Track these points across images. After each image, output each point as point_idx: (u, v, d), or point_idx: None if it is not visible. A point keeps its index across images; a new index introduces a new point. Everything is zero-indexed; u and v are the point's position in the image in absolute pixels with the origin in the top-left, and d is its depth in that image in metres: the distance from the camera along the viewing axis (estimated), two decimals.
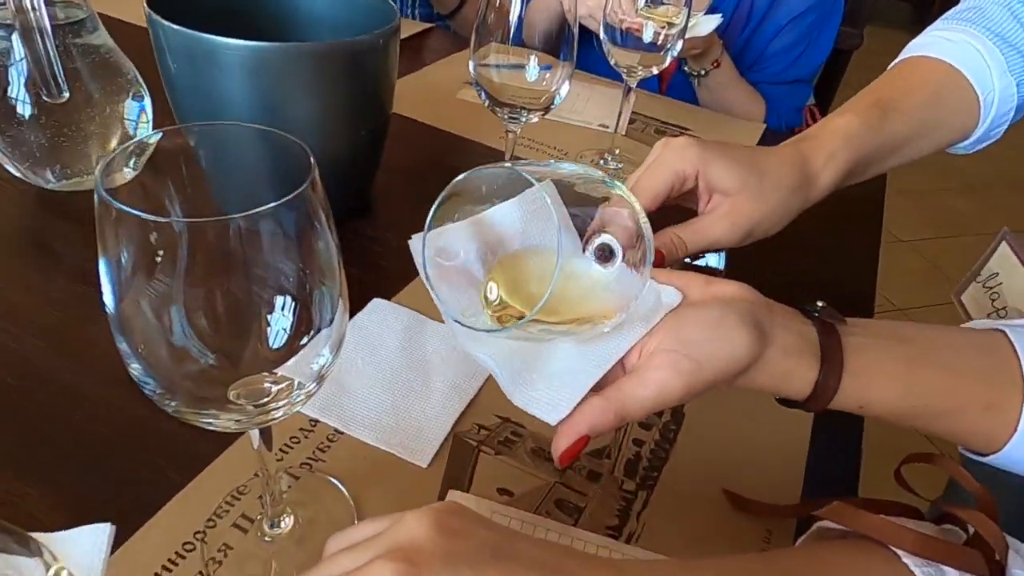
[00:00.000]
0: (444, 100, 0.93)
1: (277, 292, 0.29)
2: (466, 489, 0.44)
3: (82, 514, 0.40)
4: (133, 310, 0.26)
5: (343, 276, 0.32)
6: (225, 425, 0.30)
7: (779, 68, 1.04)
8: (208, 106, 0.57)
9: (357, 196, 0.70)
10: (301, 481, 0.43)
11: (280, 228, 0.27)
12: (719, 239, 0.44)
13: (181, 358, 0.28)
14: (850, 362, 0.35)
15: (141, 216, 0.24)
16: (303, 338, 0.31)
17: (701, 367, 0.33)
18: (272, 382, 0.32)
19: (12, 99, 0.60)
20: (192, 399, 0.29)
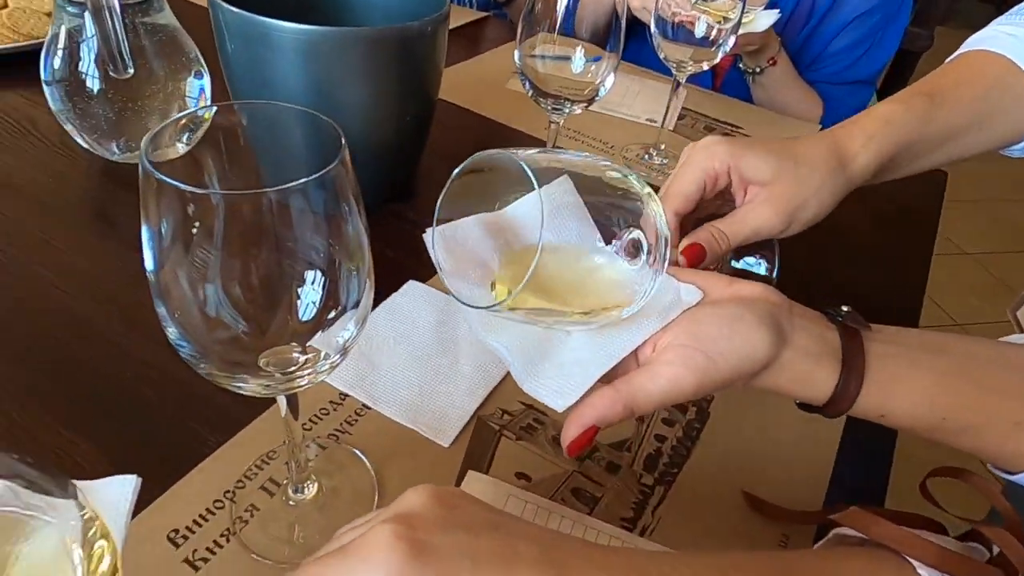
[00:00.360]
0: (493, 89, 0.94)
1: (307, 266, 0.31)
2: (485, 471, 0.45)
3: (125, 466, 0.42)
4: (171, 277, 0.28)
5: (369, 254, 0.33)
6: (253, 390, 0.32)
7: (839, 68, 1.01)
8: (262, 87, 0.59)
9: (401, 180, 0.71)
10: (328, 451, 0.45)
11: (309, 204, 0.28)
12: (761, 226, 0.43)
13: (214, 325, 0.29)
14: (872, 369, 0.34)
15: (179, 187, 0.25)
16: (331, 312, 0.32)
17: (715, 363, 0.33)
18: (300, 352, 0.34)
19: (83, 74, 0.64)
20: (224, 364, 0.30)
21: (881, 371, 0.34)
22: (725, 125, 0.93)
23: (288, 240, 0.29)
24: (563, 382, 0.34)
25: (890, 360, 0.35)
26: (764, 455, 0.49)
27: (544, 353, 0.36)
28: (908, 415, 0.35)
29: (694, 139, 0.90)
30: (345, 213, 0.30)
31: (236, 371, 0.31)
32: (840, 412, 0.35)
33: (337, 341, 0.34)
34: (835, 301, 0.37)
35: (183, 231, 0.27)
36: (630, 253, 0.36)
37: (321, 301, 0.32)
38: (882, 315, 0.65)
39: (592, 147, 0.84)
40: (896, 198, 0.82)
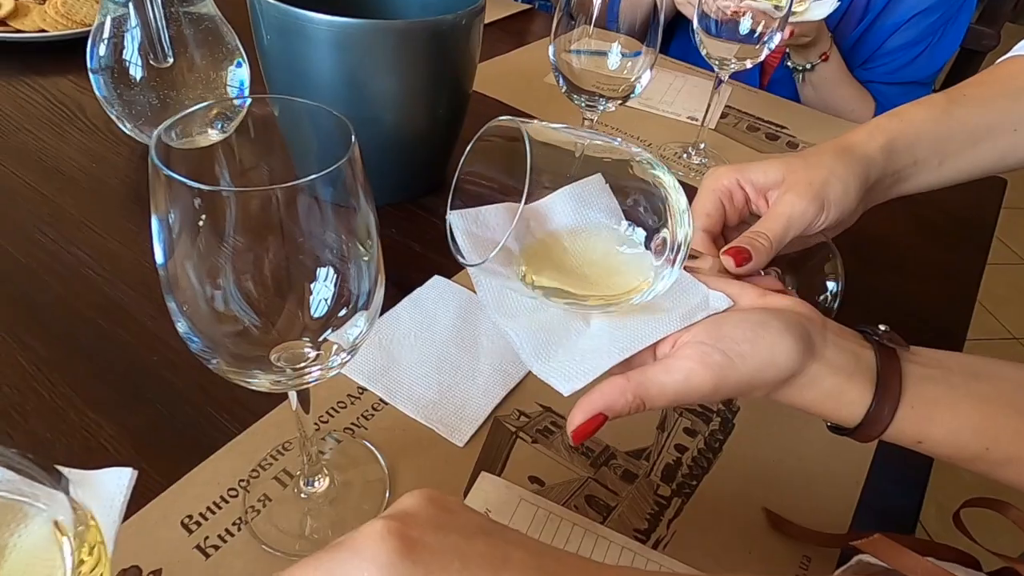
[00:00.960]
0: (531, 82, 0.92)
1: (317, 262, 0.31)
2: (498, 473, 0.45)
3: (146, 449, 0.44)
4: (180, 271, 0.28)
5: (379, 250, 0.32)
6: (264, 385, 0.32)
7: (895, 67, 0.96)
8: (296, 78, 0.59)
9: (432, 173, 0.71)
10: (342, 445, 0.45)
11: (318, 200, 0.28)
12: (792, 214, 0.42)
13: (223, 319, 0.29)
14: (909, 392, 0.33)
15: (187, 183, 0.25)
16: (342, 309, 0.32)
17: (732, 364, 0.32)
18: (311, 347, 0.34)
19: (127, 62, 0.65)
20: (234, 359, 0.31)
21: (919, 395, 0.33)
22: (770, 125, 0.90)
23: (297, 236, 0.29)
24: (573, 367, 0.33)
25: (929, 383, 0.33)
26: (789, 471, 0.47)
27: (559, 340, 0.35)
28: (948, 443, 0.33)
29: (736, 139, 0.88)
30: (354, 208, 0.30)
31: (247, 366, 0.31)
32: (872, 437, 0.33)
33: (348, 336, 0.34)
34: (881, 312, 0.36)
35: (191, 226, 0.27)
36: (658, 248, 0.35)
37: (332, 297, 0.32)
38: (930, 328, 0.63)
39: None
40: (948, 207, 0.78)
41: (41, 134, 0.71)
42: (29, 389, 0.46)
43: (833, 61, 0.94)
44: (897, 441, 0.34)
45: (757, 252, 0.40)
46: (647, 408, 0.32)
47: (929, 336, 0.62)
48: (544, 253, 0.36)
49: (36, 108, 0.75)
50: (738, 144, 0.86)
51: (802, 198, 0.42)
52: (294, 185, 0.26)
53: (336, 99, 0.59)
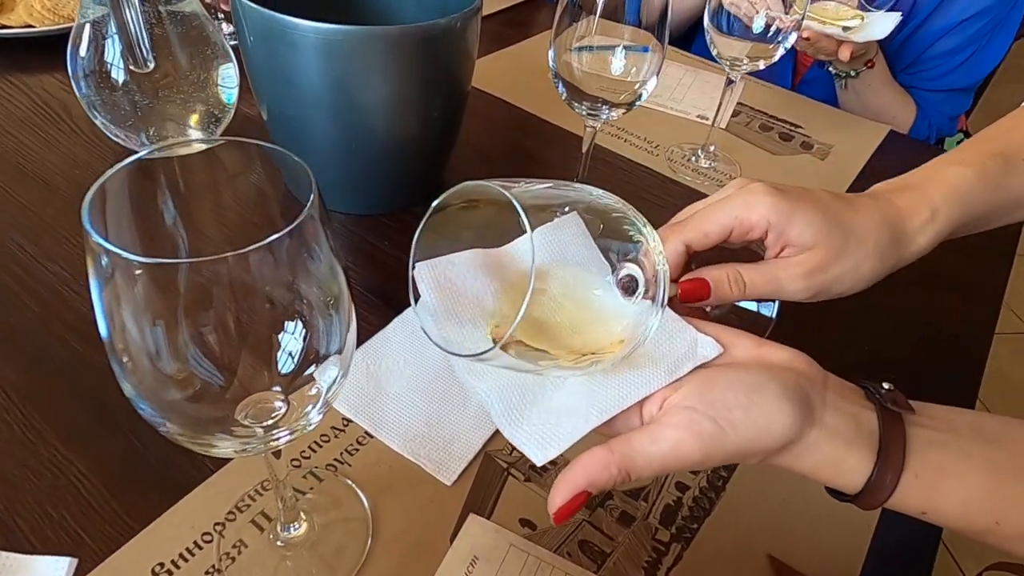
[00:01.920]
0: (534, 78, 0.89)
1: (280, 316, 0.28)
2: (488, 515, 0.42)
3: (118, 488, 0.42)
4: (122, 334, 0.25)
5: (347, 296, 0.30)
6: (228, 451, 0.29)
7: (939, 73, 0.92)
8: (281, 85, 0.56)
9: (428, 179, 0.68)
10: (324, 484, 0.43)
11: (274, 259, 0.25)
12: (785, 289, 0.39)
13: (175, 380, 0.27)
14: (914, 460, 0.30)
15: (120, 254, 0.22)
16: (310, 365, 0.30)
17: (724, 433, 0.29)
18: (280, 400, 0.31)
19: (109, 64, 0.62)
20: (191, 423, 0.28)
21: (925, 463, 0.30)
22: (784, 124, 0.86)
23: (255, 292, 0.26)
24: (548, 431, 0.31)
25: (936, 450, 0.31)
26: (796, 514, 0.44)
27: (532, 398, 0.32)
28: (955, 515, 0.31)
29: (747, 139, 0.84)
30: (317, 257, 0.27)
31: (209, 430, 0.29)
32: (874, 505, 0.31)
33: (321, 386, 0.31)
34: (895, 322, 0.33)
35: (132, 290, 0.24)
36: (626, 288, 0.33)
37: (300, 351, 0.29)
38: (946, 346, 0.59)
39: (635, 145, 0.79)
40: None
41: (24, 137, 0.69)
42: (0, 422, 0.44)
43: (878, 67, 0.90)
44: (901, 510, 0.32)
45: (718, 297, 0.37)
46: (632, 480, 0.30)
47: (949, 352, 0.59)
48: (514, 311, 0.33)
49: (19, 109, 0.73)
50: (750, 145, 0.82)
51: (807, 286, 0.38)
52: (247, 252, 0.23)
53: (324, 107, 0.56)
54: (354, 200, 0.65)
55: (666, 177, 0.75)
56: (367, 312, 0.55)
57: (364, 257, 0.61)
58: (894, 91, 0.93)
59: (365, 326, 0.53)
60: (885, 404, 0.32)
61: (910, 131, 0.93)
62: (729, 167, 0.77)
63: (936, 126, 0.96)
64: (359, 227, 0.63)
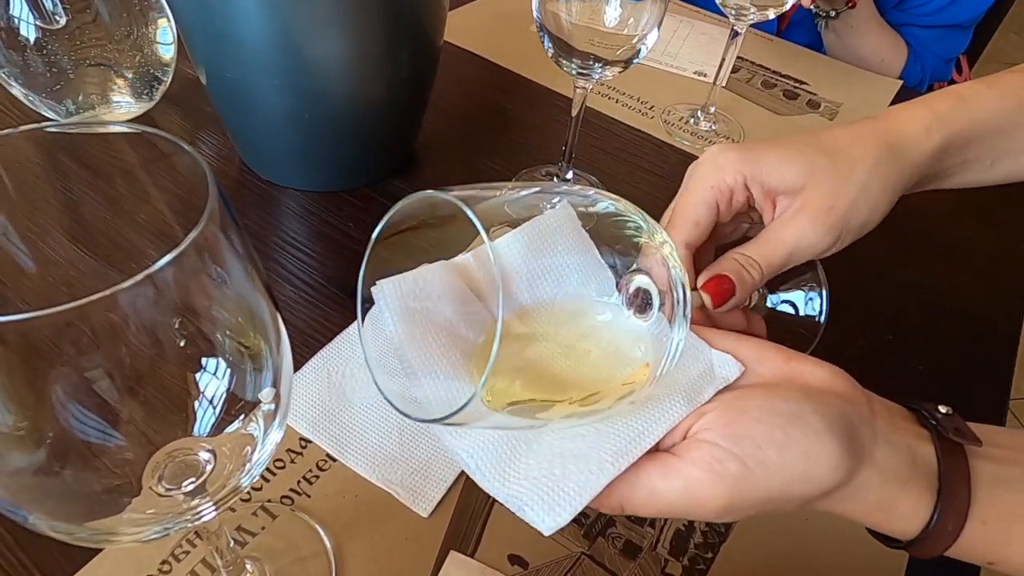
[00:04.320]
0: (515, 32, 0.80)
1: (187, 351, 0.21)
2: (471, 552, 0.36)
3: (28, 539, 0.35)
4: None
5: (279, 323, 0.23)
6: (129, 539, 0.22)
7: (935, 7, 0.84)
8: (216, 41, 0.48)
9: (397, 149, 0.60)
10: (278, 522, 0.37)
11: (157, 292, 0.18)
12: (799, 243, 0.32)
13: (23, 460, 0.20)
14: (981, 502, 0.25)
15: None
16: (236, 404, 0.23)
17: (754, 476, 0.24)
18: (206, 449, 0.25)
19: (15, 19, 0.53)
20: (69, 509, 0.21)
21: (993, 505, 0.26)
22: (787, 80, 0.79)
23: (144, 329, 0.19)
24: (553, 488, 0.24)
25: (1007, 490, 0.26)
26: (821, 539, 0.39)
27: (526, 442, 0.26)
28: None
29: (750, 98, 0.77)
30: (227, 278, 0.20)
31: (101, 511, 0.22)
32: (932, 554, 0.26)
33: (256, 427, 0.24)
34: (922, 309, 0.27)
35: None
36: (637, 307, 0.27)
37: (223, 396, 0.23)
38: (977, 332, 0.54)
39: (628, 107, 0.71)
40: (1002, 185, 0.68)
41: None
42: None
43: (861, 7, 0.82)
44: (964, 559, 0.27)
45: (743, 286, 0.31)
46: (625, 513, 0.25)
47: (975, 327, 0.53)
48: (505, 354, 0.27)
49: None
50: (753, 104, 0.75)
51: (816, 227, 0.32)
52: (114, 293, 0.16)
53: (269, 67, 0.48)
54: (311, 175, 0.57)
55: (663, 142, 0.67)
56: (328, 309, 0.48)
57: (324, 241, 0.53)
58: (882, 31, 0.86)
59: (327, 325, 0.46)
60: (945, 434, 0.26)
61: (901, 74, 0.86)
62: (731, 129, 0.70)
63: (930, 69, 0.89)
64: (318, 206, 0.56)
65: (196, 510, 0.23)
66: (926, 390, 0.49)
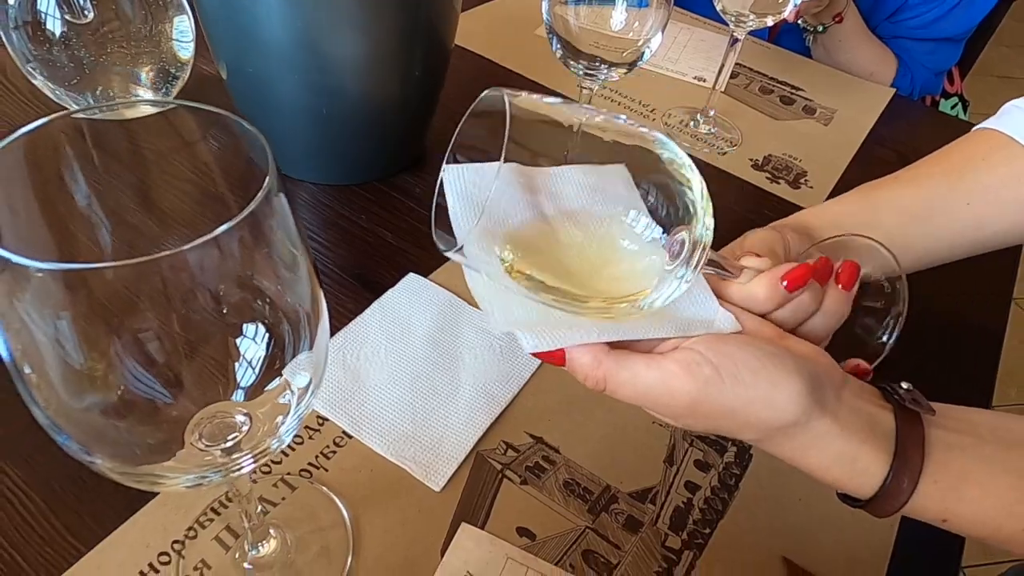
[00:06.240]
0: (520, 36, 0.82)
1: (234, 318, 0.23)
2: (482, 523, 0.38)
3: (60, 503, 0.36)
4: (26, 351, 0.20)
5: (318, 290, 0.25)
6: (178, 485, 0.24)
7: (926, 21, 0.86)
8: (240, 37, 0.50)
9: (408, 146, 0.62)
10: (297, 493, 0.38)
11: (222, 254, 0.20)
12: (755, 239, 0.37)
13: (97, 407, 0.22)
14: (933, 463, 0.28)
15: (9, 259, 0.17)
16: (274, 371, 0.25)
17: (721, 382, 0.27)
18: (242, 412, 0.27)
19: (43, 15, 0.55)
20: (125, 452, 0.23)
21: (944, 467, 0.28)
22: (784, 86, 0.82)
23: (198, 296, 0.21)
24: (546, 330, 0.29)
25: (957, 453, 0.29)
26: (814, 513, 0.41)
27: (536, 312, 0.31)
28: (977, 522, 0.29)
29: (747, 103, 0.79)
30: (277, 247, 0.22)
31: (152, 459, 0.24)
32: (889, 512, 0.29)
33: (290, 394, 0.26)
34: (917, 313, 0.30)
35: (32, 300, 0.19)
36: (672, 252, 0.30)
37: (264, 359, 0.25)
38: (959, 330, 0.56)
39: (629, 109, 0.74)
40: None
41: None
42: None
43: (849, 21, 0.84)
44: (919, 517, 0.29)
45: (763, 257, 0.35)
46: (606, 391, 0.29)
47: (964, 339, 0.56)
48: (536, 240, 0.31)
49: None
50: (750, 109, 0.77)
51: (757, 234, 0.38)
52: (182, 252, 0.18)
53: (290, 63, 0.50)
54: (326, 169, 0.59)
55: None
56: (342, 296, 0.50)
57: (338, 233, 0.55)
58: (870, 45, 0.88)
59: (341, 311, 0.48)
60: (904, 404, 0.30)
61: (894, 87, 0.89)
62: (730, 133, 0.72)
63: (920, 82, 0.91)
64: (332, 199, 0.58)
65: (237, 463, 0.25)
66: None
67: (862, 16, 0.86)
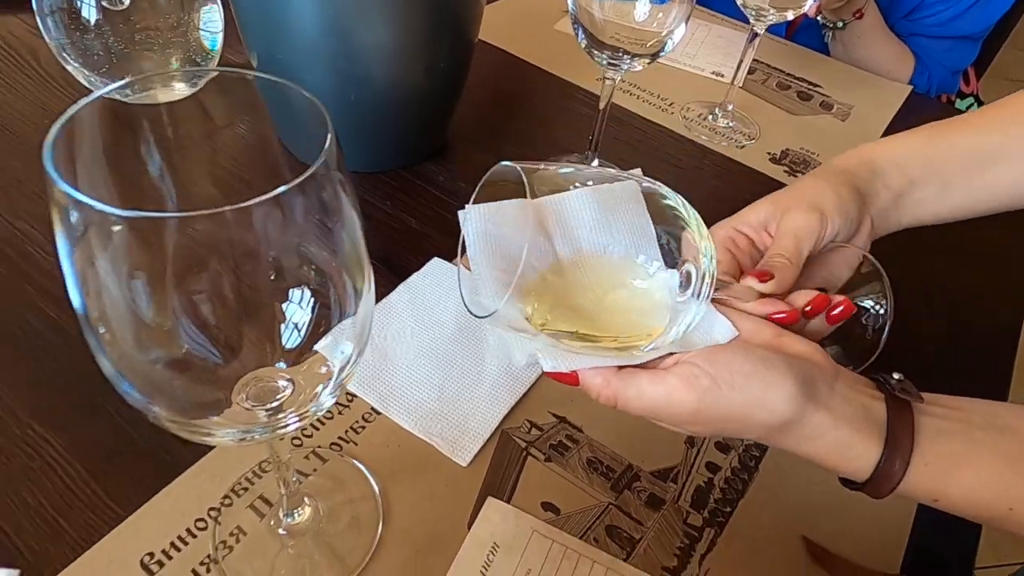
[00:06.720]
0: (540, 30, 0.83)
1: (287, 282, 0.24)
2: (507, 498, 0.39)
3: (100, 470, 0.38)
4: (99, 301, 0.21)
5: (366, 261, 0.26)
6: (226, 440, 0.25)
7: (944, 19, 0.86)
8: (273, 28, 0.51)
9: (432, 136, 0.63)
10: (328, 465, 0.40)
11: (283, 215, 0.21)
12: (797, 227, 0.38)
13: (163, 354, 0.23)
14: (923, 447, 0.30)
15: (94, 206, 0.18)
16: (319, 339, 0.26)
17: (719, 391, 0.29)
18: (285, 378, 0.28)
19: (79, 2, 0.57)
20: (183, 406, 0.24)
21: (934, 450, 0.30)
22: (801, 82, 0.82)
23: (256, 252, 0.22)
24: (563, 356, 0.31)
25: (946, 438, 0.30)
26: (835, 491, 0.41)
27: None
28: (967, 502, 0.30)
29: (765, 98, 0.80)
30: (333, 211, 0.23)
31: (202, 414, 0.25)
32: (884, 493, 0.31)
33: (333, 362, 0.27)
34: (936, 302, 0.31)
35: (109, 251, 0.20)
36: (682, 285, 0.32)
37: (309, 323, 0.26)
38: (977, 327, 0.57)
39: (649, 103, 0.75)
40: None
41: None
42: None
43: (869, 17, 0.85)
44: (912, 498, 0.31)
45: (778, 270, 0.36)
46: (618, 407, 0.31)
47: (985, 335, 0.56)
48: (553, 288, 0.33)
49: None
50: (767, 104, 0.78)
51: (799, 211, 0.39)
52: (248, 207, 0.19)
53: (319, 52, 0.51)
54: (352, 157, 0.60)
55: (681, 136, 0.70)
56: None
57: (364, 218, 0.56)
58: (888, 42, 0.88)
59: None
60: (894, 393, 0.31)
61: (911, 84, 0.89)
62: (748, 127, 0.73)
63: (937, 81, 0.91)
64: (357, 186, 0.58)
65: (283, 421, 0.26)
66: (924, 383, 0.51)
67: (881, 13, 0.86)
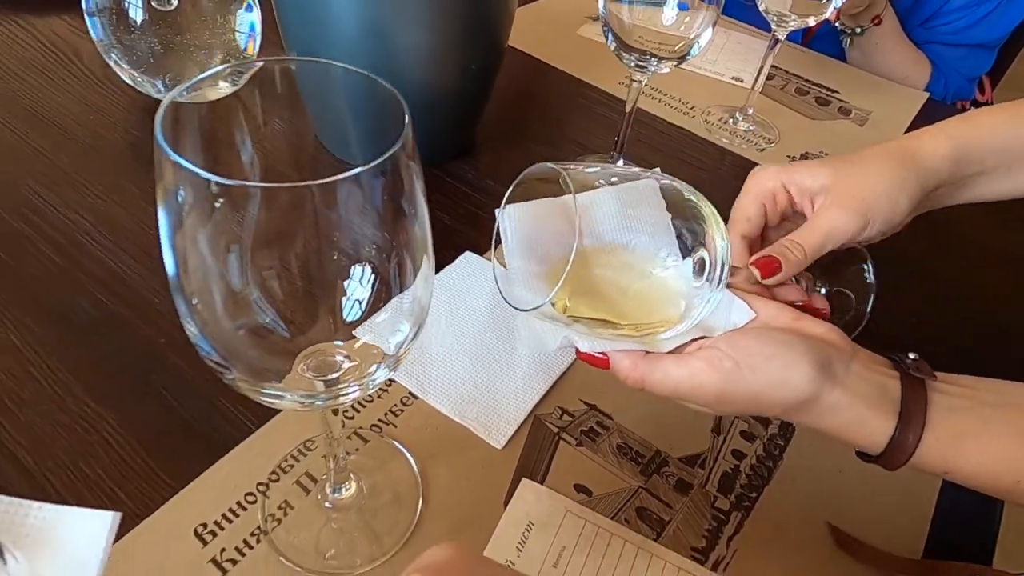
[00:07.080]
0: (564, 35, 0.85)
1: (355, 260, 0.26)
2: (541, 480, 0.41)
3: (154, 446, 0.39)
4: (192, 268, 0.23)
5: (431, 247, 0.28)
6: (290, 404, 0.27)
7: (960, 27, 0.88)
8: (314, 26, 0.53)
9: (462, 135, 0.65)
10: (370, 445, 0.41)
11: (361, 193, 0.23)
12: (834, 227, 0.39)
13: (243, 322, 0.25)
14: (935, 423, 0.31)
15: (199, 174, 0.20)
16: (381, 313, 0.28)
17: (741, 373, 0.31)
18: (343, 354, 0.29)
19: (127, 2, 0.59)
20: (253, 370, 0.26)
21: (946, 425, 0.31)
22: (820, 88, 0.84)
23: (333, 232, 0.24)
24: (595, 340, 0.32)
25: (957, 414, 0.32)
26: (857, 480, 0.43)
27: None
28: (977, 475, 0.32)
29: (784, 103, 0.82)
30: (405, 197, 0.25)
31: (268, 379, 0.26)
32: (897, 465, 0.32)
33: (388, 342, 0.29)
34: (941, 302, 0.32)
35: (205, 216, 0.22)
36: (696, 272, 0.34)
37: (369, 299, 0.27)
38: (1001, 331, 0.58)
39: (671, 106, 0.76)
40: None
41: (34, 80, 0.65)
42: (25, 375, 0.42)
43: (887, 24, 0.86)
44: (925, 470, 0.32)
45: (788, 264, 0.37)
46: (645, 389, 0.32)
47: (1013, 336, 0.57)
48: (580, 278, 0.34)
49: (27, 50, 0.69)
50: (786, 109, 0.79)
51: (846, 212, 0.39)
52: (333, 181, 0.21)
53: (356, 52, 0.53)
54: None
55: (703, 138, 0.72)
56: None
57: None
58: (905, 49, 0.89)
59: None
60: (909, 371, 0.33)
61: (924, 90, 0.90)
62: (768, 131, 0.75)
63: (953, 87, 0.92)
64: None
65: (343, 391, 0.28)
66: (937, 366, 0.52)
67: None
